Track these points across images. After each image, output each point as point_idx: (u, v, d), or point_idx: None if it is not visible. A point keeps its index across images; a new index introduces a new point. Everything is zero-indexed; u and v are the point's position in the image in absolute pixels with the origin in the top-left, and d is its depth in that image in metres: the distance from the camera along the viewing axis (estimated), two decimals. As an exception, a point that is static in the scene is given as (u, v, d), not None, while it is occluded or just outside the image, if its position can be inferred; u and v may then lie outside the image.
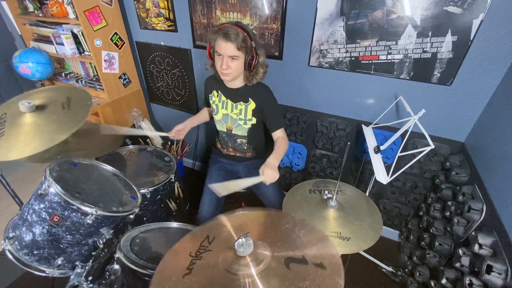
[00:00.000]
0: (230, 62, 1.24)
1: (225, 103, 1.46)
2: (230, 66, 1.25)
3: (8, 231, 1.07)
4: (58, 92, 1.31)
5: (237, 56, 1.23)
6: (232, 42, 1.19)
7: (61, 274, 1.06)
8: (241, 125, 1.48)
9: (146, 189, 1.38)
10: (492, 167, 1.17)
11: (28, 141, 1.08)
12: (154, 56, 2.16)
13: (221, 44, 1.21)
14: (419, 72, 1.37)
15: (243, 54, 1.24)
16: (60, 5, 1.86)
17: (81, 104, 1.23)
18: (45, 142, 1.06)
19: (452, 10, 1.19)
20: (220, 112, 1.49)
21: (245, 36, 1.21)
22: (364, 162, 1.76)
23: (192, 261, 0.75)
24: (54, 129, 1.12)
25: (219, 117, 1.51)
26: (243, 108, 1.43)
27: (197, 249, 0.79)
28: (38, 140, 1.08)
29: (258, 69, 1.33)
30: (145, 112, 2.43)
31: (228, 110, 1.46)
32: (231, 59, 1.24)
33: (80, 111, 1.20)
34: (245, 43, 1.21)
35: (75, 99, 1.26)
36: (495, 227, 1.05)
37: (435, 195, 1.52)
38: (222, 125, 1.53)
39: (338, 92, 1.63)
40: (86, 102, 1.23)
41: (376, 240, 1.11)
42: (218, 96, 1.48)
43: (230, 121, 1.49)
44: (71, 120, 1.16)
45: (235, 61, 1.25)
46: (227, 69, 1.26)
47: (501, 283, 0.94)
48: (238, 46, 1.20)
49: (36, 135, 1.10)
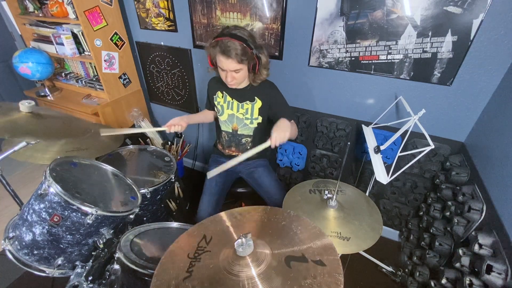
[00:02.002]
0: (234, 74, 1.28)
1: (230, 103, 1.46)
2: (235, 77, 1.29)
3: (8, 231, 1.07)
4: (64, 116, 1.38)
5: (239, 69, 1.26)
6: (233, 58, 1.20)
7: (61, 274, 1.06)
8: (247, 124, 1.48)
9: (146, 189, 1.38)
10: (492, 167, 1.17)
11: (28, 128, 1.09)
12: (154, 56, 2.16)
13: (222, 60, 1.23)
14: (419, 72, 1.37)
15: (245, 65, 1.27)
16: (60, 5, 1.86)
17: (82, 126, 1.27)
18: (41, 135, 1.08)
19: (452, 10, 1.19)
20: (225, 113, 1.49)
21: (244, 47, 1.20)
22: (364, 162, 1.76)
23: (191, 263, 0.74)
24: (55, 129, 1.14)
25: (224, 118, 1.50)
26: (250, 107, 1.44)
27: (195, 251, 0.78)
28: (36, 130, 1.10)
29: (261, 70, 1.35)
30: (145, 112, 2.43)
31: (234, 110, 1.47)
32: (234, 72, 1.27)
33: (79, 128, 1.23)
34: (245, 55, 1.22)
35: (77, 123, 1.32)
36: (495, 227, 1.05)
37: (435, 195, 1.53)
38: (228, 126, 1.53)
39: (338, 92, 1.63)
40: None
41: (376, 240, 1.11)
42: (223, 97, 1.48)
43: (236, 121, 1.49)
44: (69, 130, 1.20)
45: (239, 72, 1.28)
46: (232, 81, 1.30)
47: (501, 283, 0.94)
48: (238, 60, 1.22)
49: (41, 128, 1.14)
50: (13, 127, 1.12)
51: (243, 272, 0.69)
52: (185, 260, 0.76)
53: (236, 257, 0.71)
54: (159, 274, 0.73)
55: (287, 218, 0.89)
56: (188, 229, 0.88)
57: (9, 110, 1.20)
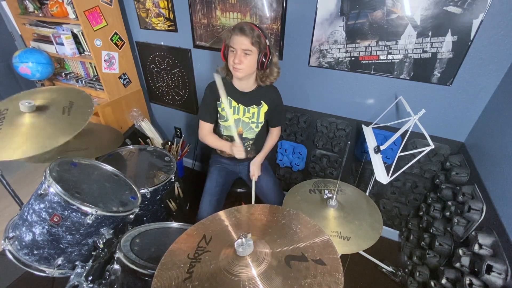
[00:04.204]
0: (243, 57, 1.25)
1: (236, 108, 1.44)
2: (243, 61, 1.25)
3: (8, 231, 1.07)
4: (62, 94, 1.31)
5: (250, 50, 1.24)
6: (247, 36, 1.21)
7: (61, 274, 1.06)
8: (252, 128, 1.48)
9: (146, 189, 1.38)
10: (492, 167, 1.17)
11: (20, 144, 1.06)
12: (154, 56, 2.16)
13: (235, 38, 1.23)
14: (419, 72, 1.37)
15: (256, 49, 1.25)
16: (60, 5, 1.86)
17: (82, 111, 1.22)
18: (36, 148, 1.05)
19: (452, 10, 1.19)
20: (231, 118, 1.42)
21: (259, 33, 1.23)
22: (364, 162, 1.76)
23: (191, 264, 0.74)
24: (49, 134, 1.11)
25: (229, 123, 1.43)
26: (256, 111, 1.43)
27: (195, 251, 0.78)
28: (30, 144, 1.07)
29: (272, 68, 1.34)
30: (145, 112, 2.43)
31: (240, 114, 1.45)
32: (244, 54, 1.24)
33: (79, 119, 1.18)
34: (259, 39, 1.22)
35: (77, 104, 1.25)
36: (495, 227, 1.05)
37: (435, 195, 1.53)
38: (232, 130, 1.41)
39: (338, 92, 1.63)
40: (87, 110, 1.23)
41: (376, 240, 1.11)
42: (228, 102, 1.43)
43: (242, 125, 1.48)
44: (67, 127, 1.15)
45: (248, 56, 1.25)
46: (239, 64, 1.25)
47: (501, 283, 0.94)
48: (252, 40, 1.21)
49: (29, 139, 1.09)
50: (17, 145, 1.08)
51: (243, 272, 0.69)
52: (185, 260, 0.75)
53: (236, 257, 0.71)
54: (159, 275, 0.72)
55: (287, 216, 0.89)
56: (187, 229, 0.88)
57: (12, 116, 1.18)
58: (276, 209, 0.93)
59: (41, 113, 1.18)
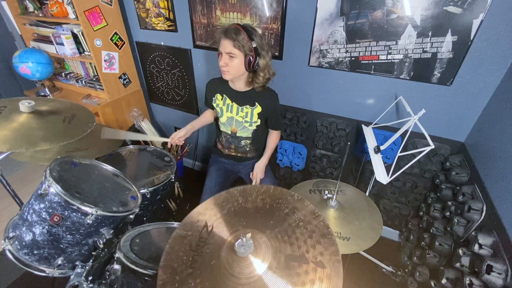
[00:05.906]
0: (228, 59, 1.26)
1: (230, 106, 1.45)
2: (228, 63, 1.26)
3: (8, 231, 1.07)
4: (69, 106, 1.34)
5: (233, 53, 1.23)
6: (229, 39, 1.21)
7: (61, 274, 1.06)
8: (246, 127, 1.48)
9: (146, 189, 1.38)
10: (492, 167, 1.17)
11: (7, 137, 1.05)
12: (154, 56, 2.16)
13: (221, 41, 1.25)
14: (419, 72, 1.37)
15: (241, 52, 1.24)
16: (60, 5, 1.86)
17: (82, 123, 1.24)
18: (22, 144, 1.04)
19: (452, 10, 1.19)
20: (224, 115, 1.48)
21: (244, 36, 1.21)
22: (364, 162, 1.76)
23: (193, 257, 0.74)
24: (41, 136, 1.11)
25: (223, 120, 1.50)
26: (249, 111, 1.43)
27: (197, 242, 0.78)
28: (17, 139, 1.06)
29: (258, 72, 1.31)
30: (145, 112, 2.43)
31: (233, 113, 1.46)
32: (228, 56, 1.25)
33: (78, 130, 1.20)
34: (242, 42, 1.21)
35: (79, 117, 1.28)
36: (495, 227, 1.05)
37: (435, 195, 1.53)
38: (227, 128, 1.52)
39: (338, 92, 1.63)
40: (88, 124, 1.25)
41: (376, 240, 1.11)
42: (222, 99, 1.47)
43: (235, 124, 1.48)
44: (64, 134, 1.15)
45: (233, 59, 1.25)
46: (225, 66, 1.27)
47: (501, 283, 0.94)
48: (234, 44, 1.21)
49: (19, 136, 1.08)
50: (14, 137, 1.08)
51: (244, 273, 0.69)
52: (188, 252, 0.75)
53: (237, 257, 0.71)
54: (164, 266, 0.73)
55: (291, 203, 0.85)
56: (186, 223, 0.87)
57: (10, 113, 1.18)
58: (278, 195, 0.89)
59: (40, 117, 1.19)
